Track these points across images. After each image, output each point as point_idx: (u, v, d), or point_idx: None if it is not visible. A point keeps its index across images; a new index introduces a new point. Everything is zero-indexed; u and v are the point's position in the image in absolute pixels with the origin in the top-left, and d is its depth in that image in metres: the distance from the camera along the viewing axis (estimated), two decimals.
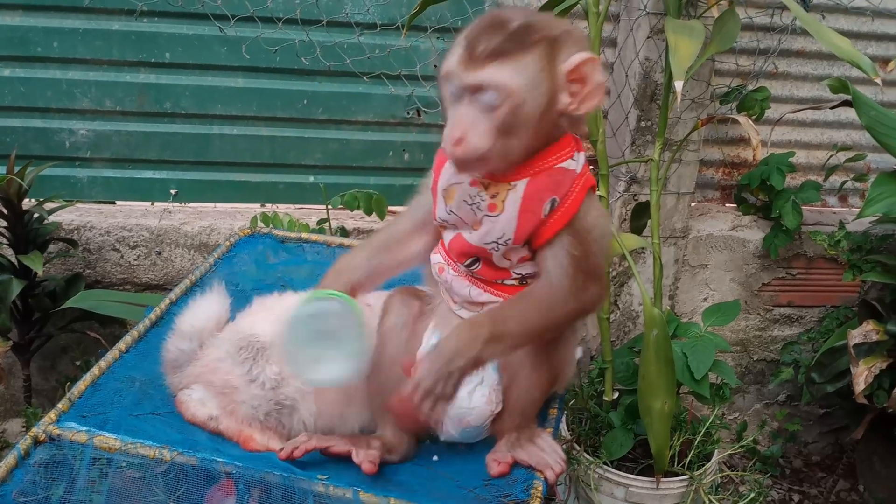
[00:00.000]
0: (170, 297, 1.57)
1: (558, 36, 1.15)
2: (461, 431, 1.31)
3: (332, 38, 2.36)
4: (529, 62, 1.12)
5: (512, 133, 1.14)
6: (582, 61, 1.14)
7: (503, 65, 1.11)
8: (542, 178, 1.19)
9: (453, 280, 1.29)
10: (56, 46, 2.32)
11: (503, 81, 1.11)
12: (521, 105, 1.12)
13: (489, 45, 1.12)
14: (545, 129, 1.17)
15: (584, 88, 1.16)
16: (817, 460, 2.83)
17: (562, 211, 1.20)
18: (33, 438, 1.20)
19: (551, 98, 1.15)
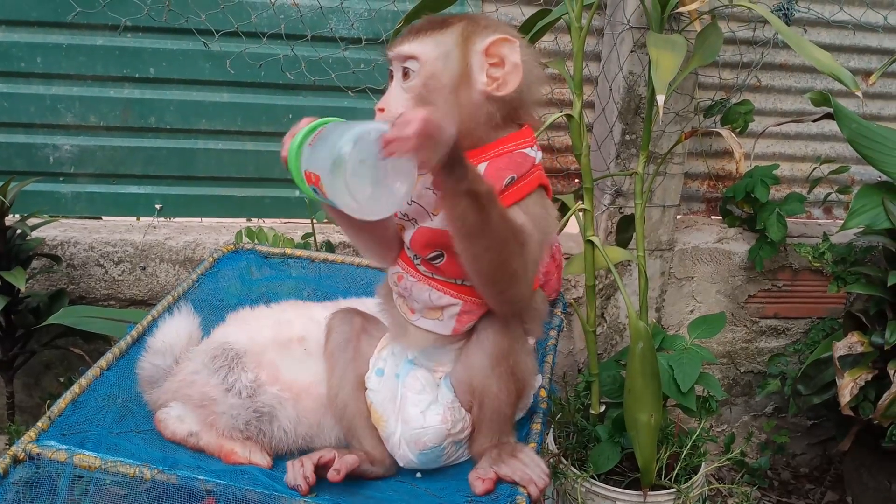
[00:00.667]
0: (152, 314, 1.56)
1: (482, 21, 1.24)
2: (419, 455, 1.30)
3: (316, 52, 2.36)
4: (444, 37, 1.22)
5: (431, 103, 1.19)
6: (497, 39, 1.20)
7: (423, 37, 1.22)
8: (503, 159, 1.24)
9: (413, 286, 1.30)
10: (39, 62, 2.31)
11: (417, 51, 1.21)
12: (432, 75, 1.20)
13: (415, 27, 1.24)
14: (471, 110, 1.22)
15: (503, 70, 1.21)
16: (805, 472, 2.83)
17: (517, 187, 1.23)
18: (12, 457, 1.19)
19: (464, 74, 1.21)
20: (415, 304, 1.32)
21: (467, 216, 1.11)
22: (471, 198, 1.09)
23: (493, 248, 1.14)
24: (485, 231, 1.12)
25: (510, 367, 1.29)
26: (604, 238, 2.49)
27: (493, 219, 1.12)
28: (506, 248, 1.15)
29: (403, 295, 1.34)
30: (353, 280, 1.84)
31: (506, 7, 2.42)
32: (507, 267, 1.17)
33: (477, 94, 1.22)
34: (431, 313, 1.31)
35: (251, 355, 1.42)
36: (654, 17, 1.97)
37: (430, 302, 1.29)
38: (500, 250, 1.15)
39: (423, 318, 1.32)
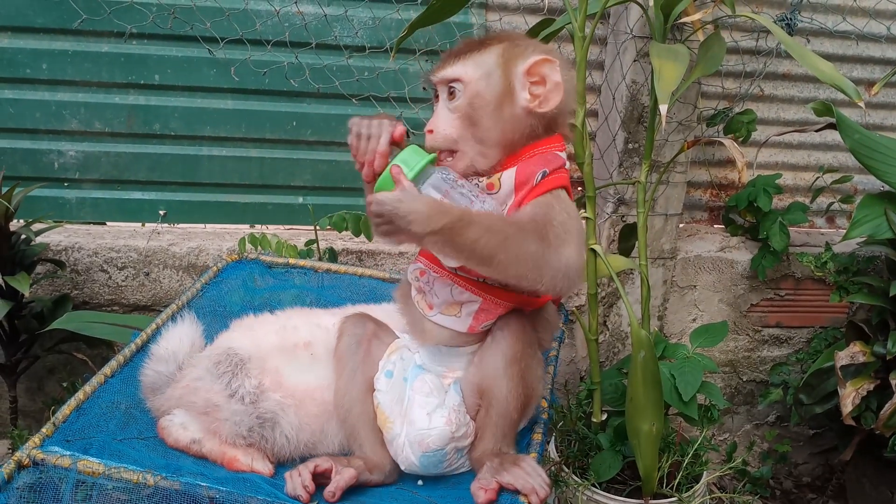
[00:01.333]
0: (156, 322, 1.57)
1: (519, 42, 1.33)
2: (422, 457, 1.32)
3: (321, 60, 2.37)
4: (485, 58, 1.31)
5: (475, 122, 1.29)
6: (537, 61, 1.29)
7: (463, 61, 1.31)
8: (535, 159, 1.31)
9: (435, 281, 1.36)
10: (45, 68, 2.32)
11: (460, 73, 1.30)
12: (477, 94, 1.29)
13: (455, 51, 1.33)
14: (513, 126, 1.31)
15: (544, 88, 1.30)
16: (808, 481, 2.83)
17: (549, 179, 1.30)
18: (17, 462, 1.20)
19: (506, 91, 1.30)
20: (434, 300, 1.37)
21: (443, 249, 1.20)
22: (434, 235, 1.17)
23: (495, 256, 1.19)
24: (473, 249, 1.18)
25: (522, 370, 1.33)
26: (606, 246, 2.49)
27: (473, 236, 1.17)
28: (509, 246, 1.19)
29: (424, 290, 1.39)
30: (355, 290, 1.85)
31: (509, 16, 2.43)
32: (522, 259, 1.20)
33: (519, 109, 1.31)
34: (450, 309, 1.37)
35: (255, 361, 1.43)
36: (657, 26, 1.98)
37: (451, 297, 1.35)
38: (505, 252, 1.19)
39: (440, 315, 1.37)
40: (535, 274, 1.21)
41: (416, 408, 1.35)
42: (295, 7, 2.33)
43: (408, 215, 1.16)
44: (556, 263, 1.21)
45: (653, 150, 2.05)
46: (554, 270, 1.21)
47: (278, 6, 2.31)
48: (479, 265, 1.22)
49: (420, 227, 1.16)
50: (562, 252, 1.22)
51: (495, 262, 1.19)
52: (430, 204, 1.19)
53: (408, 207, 1.16)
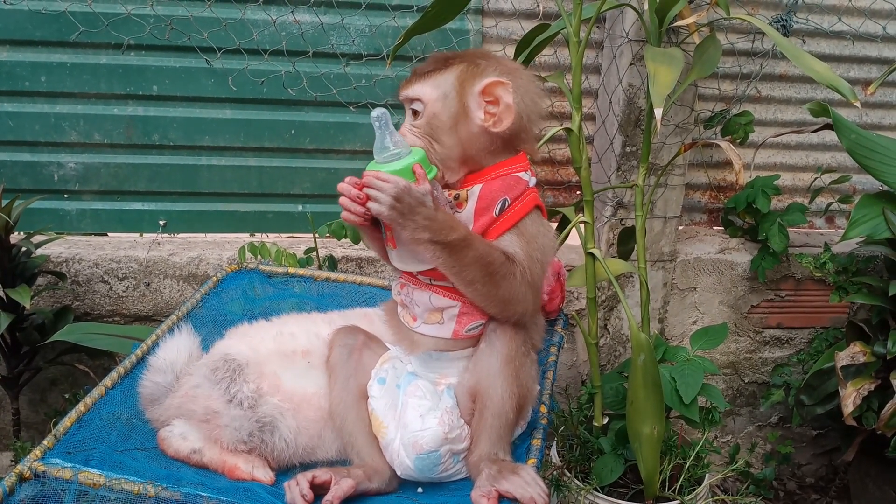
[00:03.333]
0: (156, 333, 1.58)
1: (480, 61, 1.38)
2: (416, 459, 1.33)
3: (318, 68, 2.38)
4: (444, 78, 1.36)
5: (435, 139, 1.35)
6: (491, 82, 1.34)
7: (426, 80, 1.37)
8: (496, 182, 1.37)
9: (414, 292, 1.41)
10: (44, 81, 2.33)
11: (419, 94, 1.36)
12: (435, 114, 1.35)
13: (420, 69, 1.39)
14: (471, 141, 1.36)
15: (498, 108, 1.35)
16: (811, 482, 2.82)
17: (511, 213, 1.36)
18: (18, 475, 1.21)
19: (462, 111, 1.35)
20: (416, 310, 1.41)
21: (438, 258, 1.27)
22: (436, 244, 1.26)
23: (478, 281, 1.30)
24: (463, 269, 1.29)
25: (516, 369, 1.35)
26: (605, 250, 2.50)
27: (468, 259, 1.27)
28: (491, 279, 1.30)
29: (406, 303, 1.44)
30: (354, 298, 1.86)
31: (505, 22, 2.43)
32: (496, 294, 1.32)
33: (475, 128, 1.36)
34: (432, 317, 1.40)
35: (252, 366, 1.44)
36: (652, 30, 1.98)
37: (431, 304, 1.39)
38: (485, 282, 1.30)
39: (424, 325, 1.42)
40: (496, 306, 1.35)
41: (409, 410, 1.36)
42: (292, 16, 2.34)
43: (428, 218, 1.24)
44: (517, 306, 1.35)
45: (650, 153, 2.05)
46: (513, 308, 1.35)
47: (275, 16, 2.32)
48: (458, 282, 1.32)
49: (430, 233, 1.25)
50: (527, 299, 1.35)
51: (473, 287, 1.31)
52: (448, 216, 1.28)
53: (429, 211, 1.24)
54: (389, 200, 1.23)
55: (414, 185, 1.25)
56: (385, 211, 1.24)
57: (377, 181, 1.24)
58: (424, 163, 1.30)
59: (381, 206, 1.24)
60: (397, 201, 1.23)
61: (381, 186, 1.24)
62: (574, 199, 2.62)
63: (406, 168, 1.27)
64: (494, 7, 2.43)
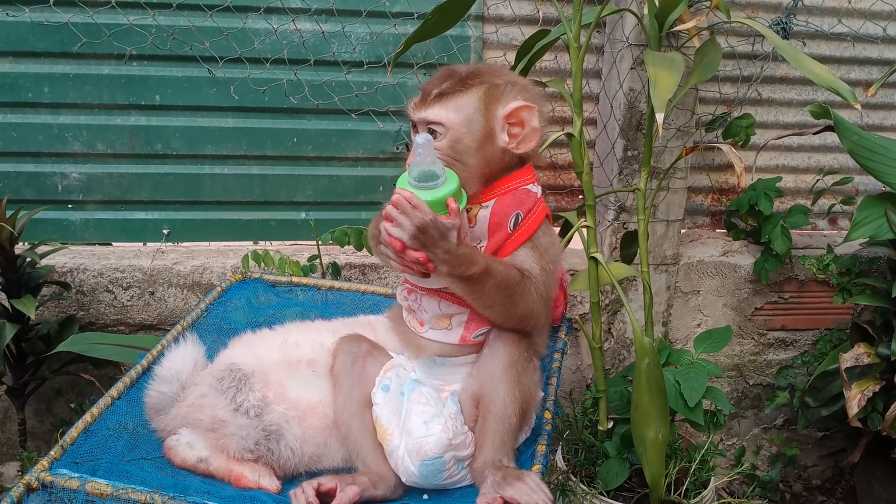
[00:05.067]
0: (161, 343, 1.58)
1: (500, 83, 1.36)
2: (420, 465, 1.33)
3: (319, 76, 2.39)
4: (466, 102, 1.34)
5: (457, 161, 1.33)
6: (518, 107, 1.35)
7: (445, 103, 1.33)
8: (508, 197, 1.38)
9: (422, 298, 1.41)
10: (47, 91, 2.34)
11: (441, 118, 1.33)
12: (458, 139, 1.33)
13: (437, 88, 1.34)
14: (492, 160, 1.37)
15: (523, 131, 1.36)
16: (817, 484, 2.82)
17: (525, 226, 1.38)
18: (26, 486, 1.22)
19: (487, 134, 1.35)
20: (424, 316, 1.42)
21: (455, 287, 1.30)
22: (454, 277, 1.27)
23: (496, 305, 1.32)
24: (480, 297, 1.31)
25: (518, 373, 1.36)
26: (608, 254, 2.50)
27: (487, 289, 1.29)
28: (508, 301, 1.32)
29: (413, 308, 1.44)
30: (358, 306, 1.86)
31: (506, 28, 2.44)
32: (513, 312, 1.34)
33: (498, 149, 1.37)
34: (440, 323, 1.41)
35: (258, 375, 1.44)
36: (652, 35, 1.99)
37: (440, 311, 1.39)
38: (503, 304, 1.32)
39: (431, 330, 1.42)
40: (513, 323, 1.36)
41: (413, 417, 1.36)
42: (293, 25, 2.35)
43: (448, 252, 1.24)
44: (531, 320, 1.37)
45: (652, 156, 2.06)
46: (527, 322, 1.37)
47: (276, 24, 2.33)
48: (477, 306, 1.34)
49: (449, 267, 1.26)
50: (540, 313, 1.37)
51: (490, 309, 1.34)
52: (469, 249, 1.28)
53: (450, 246, 1.25)
54: (412, 230, 1.23)
55: (441, 217, 1.24)
56: (406, 239, 1.23)
57: (406, 204, 1.23)
58: (458, 195, 1.29)
59: (402, 233, 1.23)
60: (421, 232, 1.23)
61: (409, 212, 1.23)
62: (576, 203, 2.62)
63: (441, 200, 1.25)
64: (495, 13, 2.44)
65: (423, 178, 1.26)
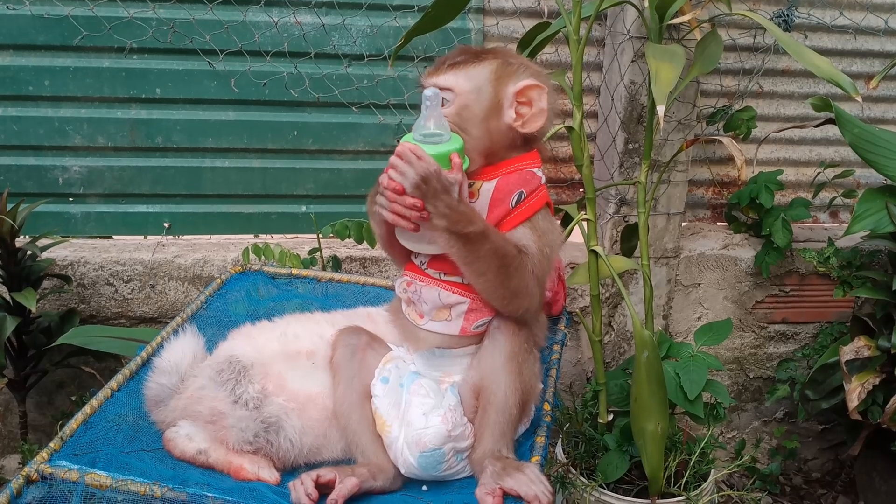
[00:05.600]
0: (161, 335, 1.58)
1: (513, 62, 1.40)
2: (419, 457, 1.33)
3: (320, 69, 2.39)
4: (478, 72, 1.37)
5: (462, 130, 1.35)
6: (529, 85, 1.37)
7: (457, 71, 1.37)
8: (513, 176, 1.39)
9: (422, 289, 1.41)
10: (47, 85, 2.34)
11: (451, 84, 1.36)
12: (466, 105, 1.36)
13: (451, 60, 1.39)
14: (496, 135, 1.39)
15: (531, 110, 1.38)
16: (817, 477, 2.82)
17: (527, 205, 1.39)
18: (25, 477, 1.22)
19: (494, 107, 1.37)
20: (424, 307, 1.41)
21: (452, 247, 1.28)
22: (452, 234, 1.26)
23: (489, 272, 1.30)
24: (475, 261, 1.29)
25: (519, 364, 1.36)
26: (609, 247, 2.50)
27: (483, 252, 1.28)
28: (502, 271, 1.30)
29: (413, 300, 1.43)
30: (358, 298, 1.87)
31: (507, 21, 2.44)
32: (506, 286, 1.32)
33: (503, 125, 1.38)
34: (440, 314, 1.41)
35: (257, 367, 1.44)
36: (653, 27, 1.98)
37: (440, 301, 1.39)
38: (497, 274, 1.30)
39: (431, 321, 1.42)
40: (505, 298, 1.35)
41: (413, 409, 1.37)
42: (293, 17, 2.34)
43: (449, 207, 1.25)
44: (523, 300, 1.35)
45: (652, 149, 2.05)
46: (520, 302, 1.36)
47: (276, 17, 2.33)
48: (469, 272, 1.32)
49: (448, 223, 1.26)
50: (534, 293, 1.36)
51: (483, 278, 1.32)
52: (469, 208, 1.29)
53: (451, 201, 1.25)
54: (416, 179, 1.24)
55: (445, 171, 1.26)
56: (408, 187, 1.24)
57: (411, 155, 1.24)
58: (461, 153, 1.31)
59: (405, 181, 1.24)
60: (424, 182, 1.23)
61: (413, 162, 1.24)
62: (577, 196, 2.62)
63: (445, 154, 1.28)
64: (495, 6, 2.43)
65: (429, 134, 1.28)
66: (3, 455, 2.48)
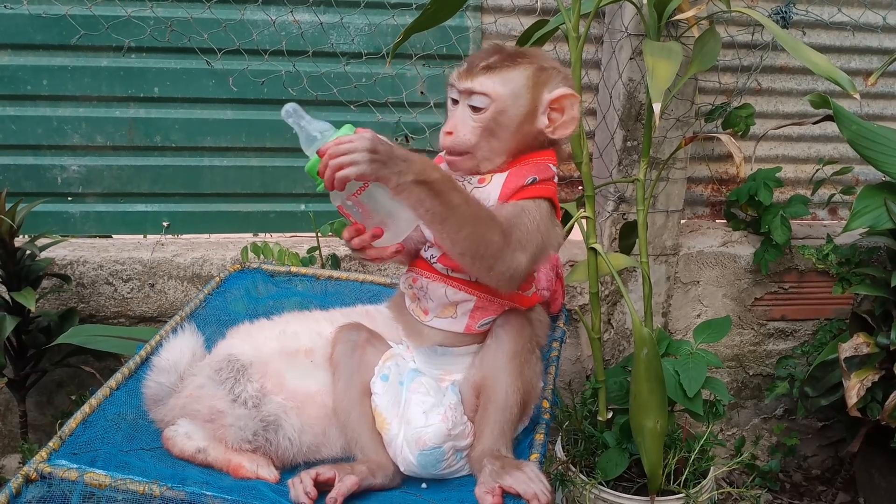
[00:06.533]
0: (160, 334, 1.58)
1: (547, 67, 1.39)
2: (419, 455, 1.33)
3: (318, 68, 2.39)
4: (515, 77, 1.36)
5: (494, 134, 1.35)
6: (564, 94, 1.37)
7: (493, 76, 1.35)
8: (528, 166, 1.39)
9: (428, 285, 1.40)
10: (46, 84, 2.34)
11: (487, 88, 1.34)
12: (503, 111, 1.35)
13: (484, 61, 1.36)
14: (524, 140, 1.38)
15: (562, 118, 1.38)
16: (817, 474, 2.82)
17: (538, 187, 1.37)
18: (25, 477, 1.22)
19: (530, 113, 1.37)
20: (429, 304, 1.41)
21: (424, 202, 1.21)
22: (421, 186, 1.20)
23: (466, 226, 1.24)
24: (450, 213, 1.23)
25: (521, 364, 1.36)
26: (608, 244, 2.50)
27: (455, 201, 1.22)
28: (479, 224, 1.25)
29: (418, 296, 1.43)
30: (357, 296, 1.87)
31: (505, 18, 2.43)
32: (484, 241, 1.26)
33: (535, 129, 1.39)
34: (445, 311, 1.40)
35: (256, 366, 1.44)
36: (651, 24, 1.99)
37: (446, 298, 1.39)
38: (475, 227, 1.25)
39: (436, 318, 1.41)
40: (489, 262, 1.27)
41: (412, 407, 1.37)
42: (291, 16, 2.34)
43: (407, 158, 1.19)
44: (508, 262, 1.28)
45: (651, 147, 2.05)
46: (505, 266, 1.28)
47: (274, 16, 2.33)
48: (446, 232, 1.25)
49: (413, 173, 1.19)
50: (516, 255, 1.29)
51: (461, 235, 1.24)
52: (424, 157, 1.23)
53: (404, 152, 1.20)
54: (366, 155, 1.16)
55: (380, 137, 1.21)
56: (366, 167, 1.16)
57: (344, 145, 1.17)
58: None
59: (361, 166, 1.16)
60: (373, 152, 1.16)
61: (351, 146, 1.16)
62: (576, 194, 2.62)
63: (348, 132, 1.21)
64: (493, 3, 2.43)
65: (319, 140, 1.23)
66: (3, 454, 2.48)
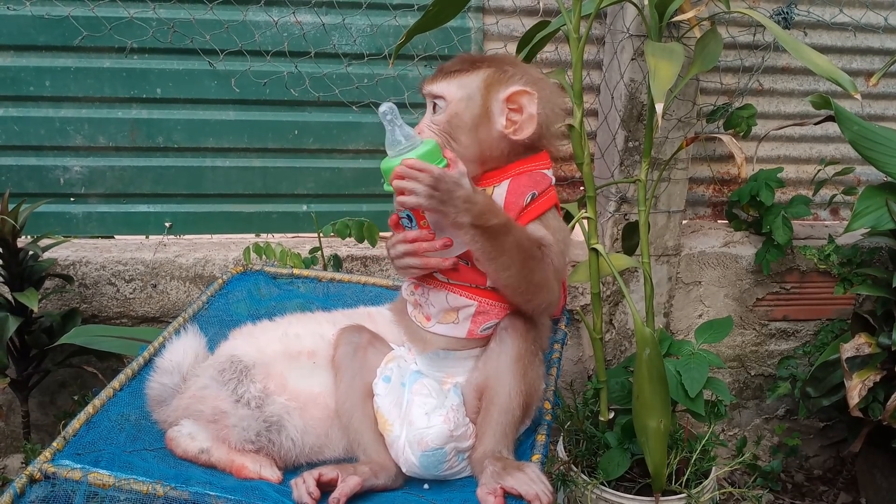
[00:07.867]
0: (163, 335, 1.59)
1: (507, 69, 1.40)
2: (421, 456, 1.34)
3: (320, 69, 2.39)
4: (469, 80, 1.38)
5: (453, 138, 1.37)
6: (517, 91, 1.37)
7: (451, 79, 1.39)
8: (524, 177, 1.40)
9: (429, 292, 1.41)
10: (48, 85, 2.35)
11: (444, 91, 1.38)
12: (456, 113, 1.37)
13: (449, 68, 1.41)
14: (487, 144, 1.39)
15: (521, 117, 1.38)
16: (819, 474, 2.82)
17: (539, 203, 1.39)
18: (29, 477, 1.22)
19: (484, 115, 1.38)
20: (431, 310, 1.42)
21: (477, 241, 1.27)
22: (477, 228, 1.25)
23: (514, 266, 1.30)
24: (500, 255, 1.28)
25: (524, 366, 1.37)
26: (610, 245, 2.50)
27: (507, 245, 1.27)
28: (526, 264, 1.31)
29: (420, 303, 1.43)
30: (359, 298, 1.87)
31: (506, 19, 2.44)
32: (530, 279, 1.32)
33: (495, 133, 1.38)
34: (447, 317, 1.41)
35: (259, 367, 1.45)
36: (653, 25, 1.99)
37: (447, 304, 1.39)
38: (521, 267, 1.30)
39: (438, 324, 1.42)
40: (528, 297, 1.35)
41: (415, 408, 1.37)
42: (293, 17, 2.35)
43: (468, 200, 1.24)
44: (546, 296, 1.37)
45: (653, 147, 2.05)
46: (540, 300, 1.37)
47: (276, 17, 2.33)
48: (493, 267, 1.31)
49: (471, 217, 1.25)
50: (553, 288, 1.37)
51: (507, 273, 1.31)
52: (487, 198, 1.29)
53: (468, 193, 1.25)
54: (427, 189, 1.23)
55: (447, 169, 1.26)
56: (424, 201, 1.24)
57: (413, 171, 1.23)
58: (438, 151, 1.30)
59: (418, 198, 1.24)
60: (435, 189, 1.23)
61: (417, 175, 1.23)
62: (577, 194, 2.62)
63: (430, 153, 1.27)
64: (495, 4, 2.44)
65: (405, 146, 1.28)
66: (6, 455, 2.49)
